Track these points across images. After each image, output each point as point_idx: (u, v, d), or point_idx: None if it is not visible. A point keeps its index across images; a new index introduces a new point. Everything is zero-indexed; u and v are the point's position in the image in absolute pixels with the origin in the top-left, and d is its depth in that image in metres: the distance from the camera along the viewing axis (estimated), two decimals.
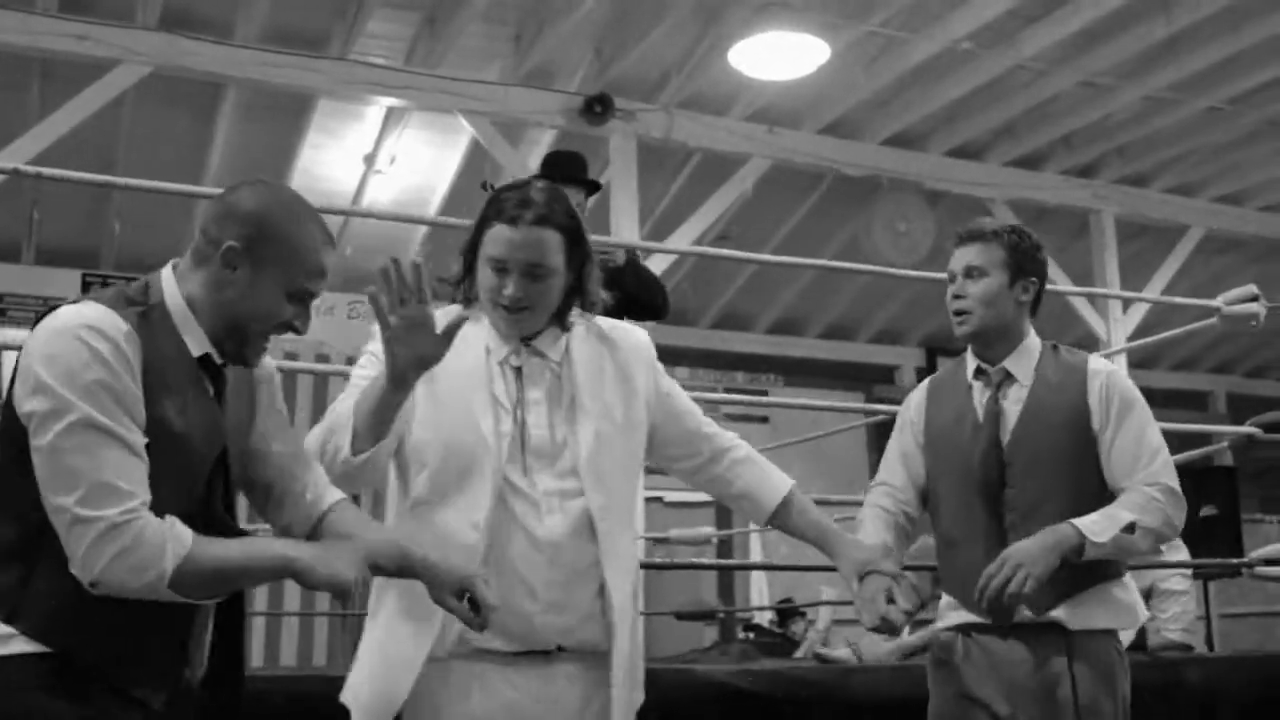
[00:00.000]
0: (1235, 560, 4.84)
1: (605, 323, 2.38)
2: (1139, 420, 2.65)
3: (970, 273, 2.74)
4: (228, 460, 1.97)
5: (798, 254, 7.45)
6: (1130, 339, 9.10)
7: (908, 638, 4.95)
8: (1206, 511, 5.95)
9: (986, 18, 7.39)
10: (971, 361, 2.78)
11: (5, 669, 1.76)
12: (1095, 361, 2.73)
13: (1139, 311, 9.49)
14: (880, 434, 11.63)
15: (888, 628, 2.23)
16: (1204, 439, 5.74)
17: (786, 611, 8.90)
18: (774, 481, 2.41)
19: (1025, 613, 2.58)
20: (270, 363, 2.14)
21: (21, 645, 1.77)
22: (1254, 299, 4.32)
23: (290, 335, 2.02)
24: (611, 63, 7.98)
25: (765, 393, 10.76)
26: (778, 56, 7.64)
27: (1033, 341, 2.76)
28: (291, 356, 8.29)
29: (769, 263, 4.84)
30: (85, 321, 1.77)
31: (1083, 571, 2.55)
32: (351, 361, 2.41)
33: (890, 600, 2.23)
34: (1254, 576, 4.80)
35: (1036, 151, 9.52)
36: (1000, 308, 2.71)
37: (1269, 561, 4.53)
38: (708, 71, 8.01)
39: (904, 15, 7.51)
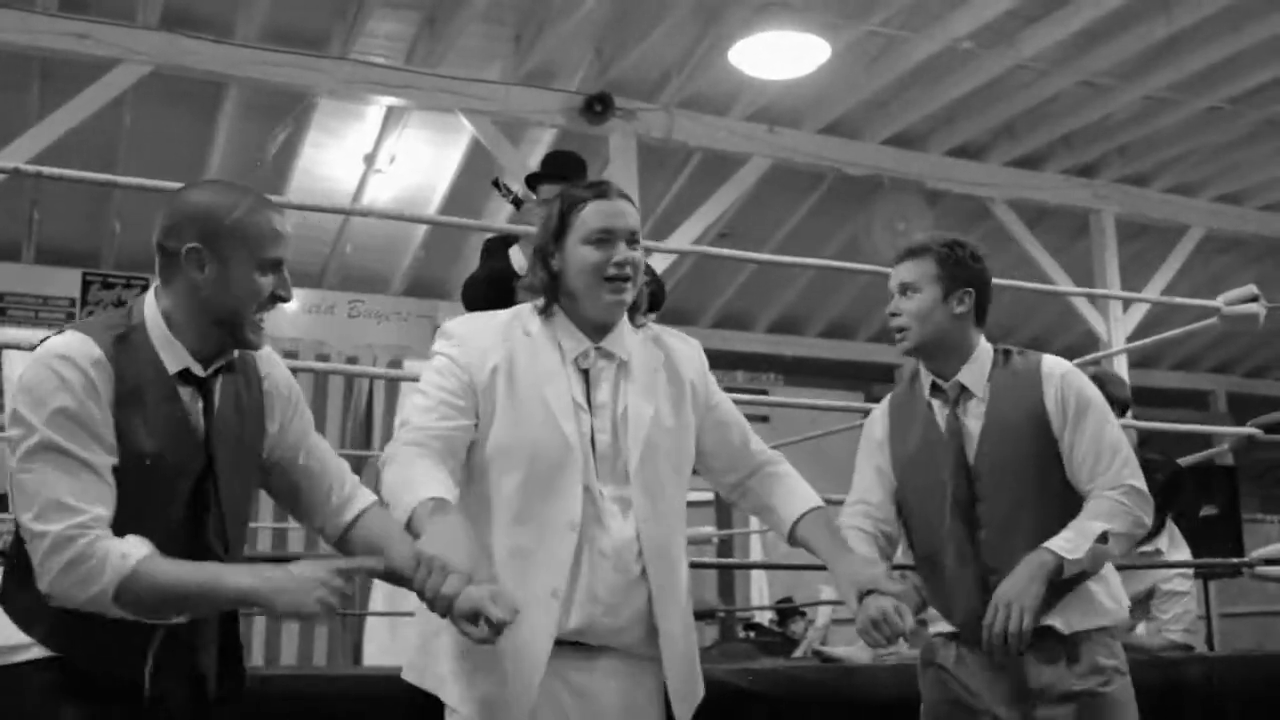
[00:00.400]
0: (1236, 560, 4.84)
1: (658, 329, 2.45)
2: (1096, 421, 2.65)
3: (904, 289, 2.74)
4: (215, 473, 2.00)
5: (798, 253, 7.44)
6: (1130, 339, 9.11)
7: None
8: (1207, 511, 5.94)
9: (987, 17, 7.39)
10: (926, 378, 2.77)
11: (21, 674, 1.88)
12: (1048, 363, 2.72)
13: (1139, 311, 9.49)
14: None
15: (888, 641, 2.27)
16: (1205, 439, 5.75)
17: (786, 611, 8.90)
18: (799, 497, 2.45)
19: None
20: (285, 375, 2.19)
21: (37, 652, 1.89)
22: (1254, 299, 4.31)
23: (291, 334, 2.03)
24: (612, 62, 7.98)
25: (765, 392, 10.76)
26: (778, 56, 7.64)
27: (983, 351, 2.74)
28: (291, 355, 8.30)
29: (769, 262, 4.84)
30: (57, 351, 1.88)
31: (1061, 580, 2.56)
32: (352, 361, 2.42)
33: (896, 614, 2.24)
34: (1254, 576, 4.80)
35: (1037, 151, 9.52)
36: (935, 322, 2.70)
37: (1269, 561, 4.53)
38: (708, 71, 8.01)
39: (904, 15, 7.51)
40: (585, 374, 2.30)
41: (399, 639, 6.93)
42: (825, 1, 7.31)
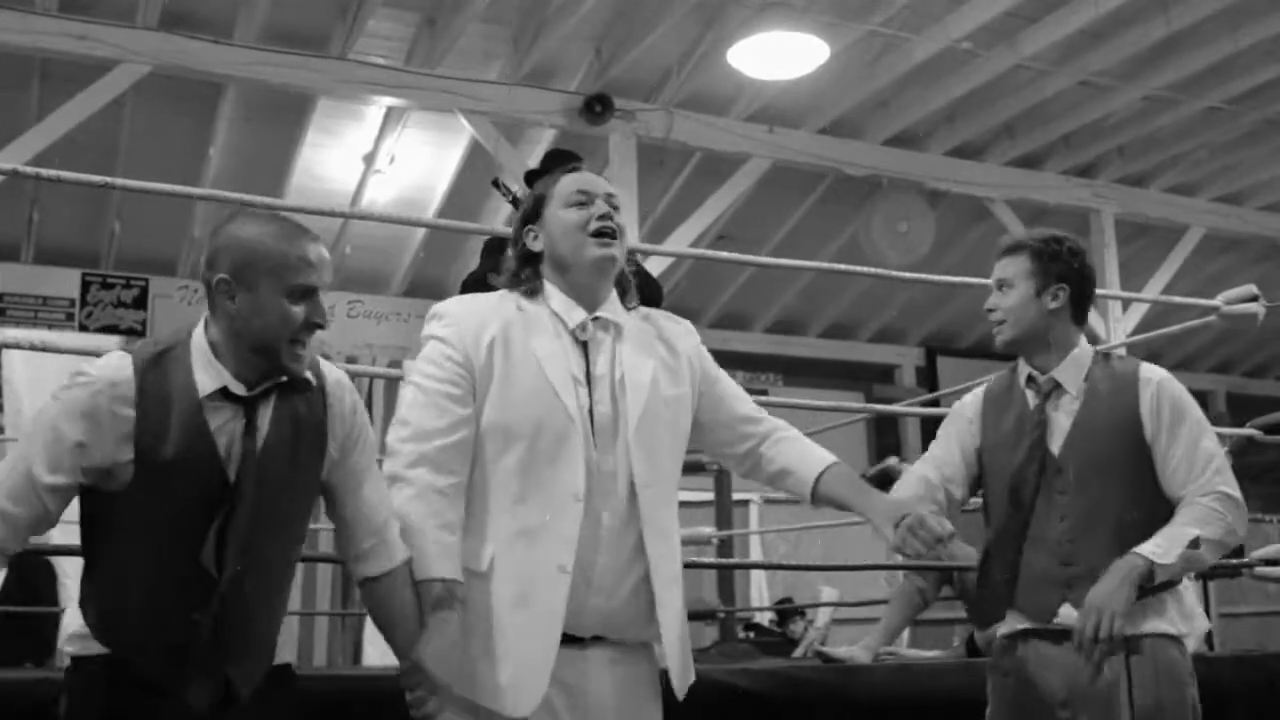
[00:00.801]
0: (1235, 561, 4.82)
1: (647, 309, 2.45)
2: (1192, 429, 2.68)
3: (1000, 285, 2.79)
4: (239, 491, 2.05)
5: (798, 254, 7.47)
6: (1131, 337, 9.10)
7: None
8: None
9: (986, 18, 7.39)
10: (1024, 369, 2.81)
11: (79, 667, 2.08)
12: (1146, 370, 2.75)
13: (1138, 311, 9.50)
14: (880, 433, 11.69)
15: (926, 548, 2.26)
16: None
17: (786, 611, 8.89)
18: (815, 457, 2.44)
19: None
20: (353, 405, 2.23)
21: (97, 647, 2.06)
22: (1253, 299, 4.31)
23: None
24: (611, 62, 7.98)
25: (765, 392, 10.76)
26: (778, 56, 7.64)
27: (1083, 351, 2.78)
28: None
29: (769, 265, 4.83)
30: (79, 372, 2.03)
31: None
32: (351, 361, 2.43)
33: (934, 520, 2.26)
34: (1254, 577, 4.79)
35: (1036, 151, 9.52)
36: (1029, 317, 2.74)
37: (1269, 562, 4.53)
38: (708, 71, 8.01)
39: (904, 15, 7.51)
40: (584, 346, 2.29)
41: None
42: (825, 2, 7.31)
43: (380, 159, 8.84)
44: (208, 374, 2.06)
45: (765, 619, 9.31)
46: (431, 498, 2.17)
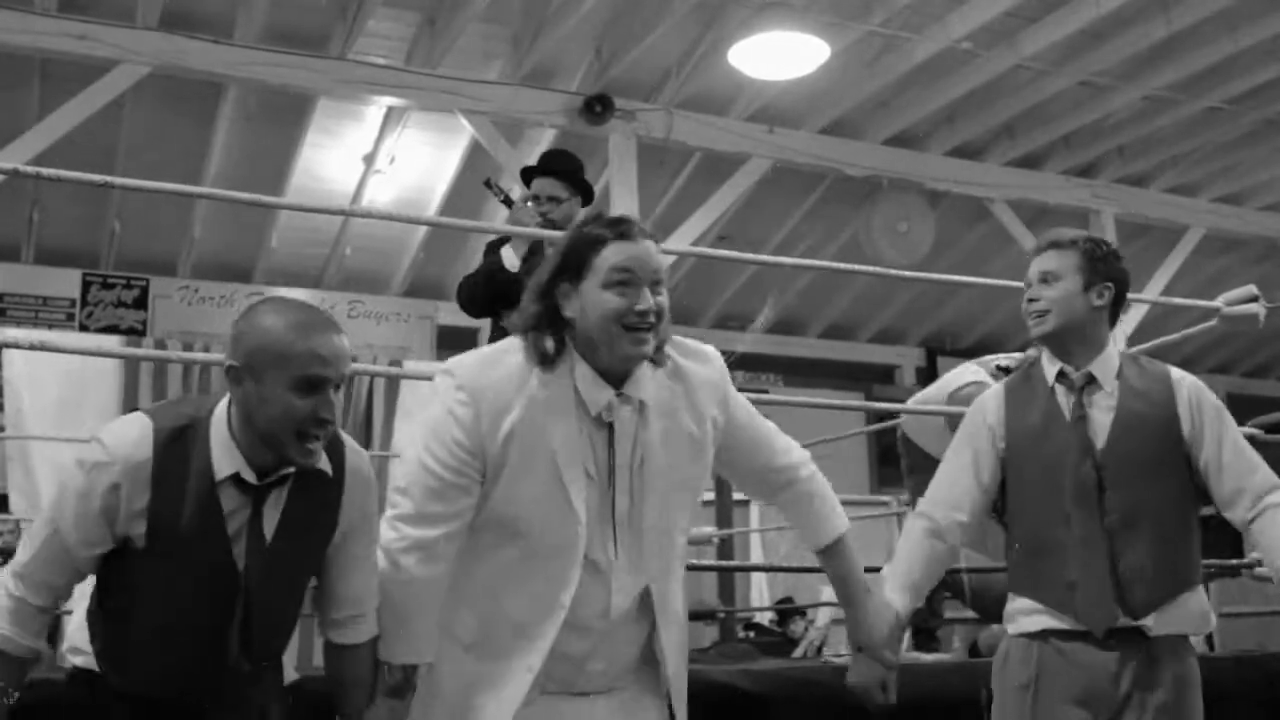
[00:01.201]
0: (1235, 561, 4.82)
1: (678, 349, 2.26)
2: (1231, 430, 2.73)
3: (1045, 278, 2.80)
4: (248, 577, 2.11)
5: (798, 254, 7.46)
6: (1130, 339, 9.10)
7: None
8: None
9: (986, 18, 7.39)
10: (1052, 365, 2.81)
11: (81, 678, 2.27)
12: (1175, 371, 2.80)
13: (1139, 312, 9.49)
14: (881, 433, 11.69)
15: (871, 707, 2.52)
16: None
17: (786, 611, 8.89)
18: (823, 523, 2.44)
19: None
20: (364, 495, 2.22)
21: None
22: (1254, 299, 4.31)
23: None
24: (611, 62, 7.98)
25: (766, 392, 10.75)
26: (778, 56, 7.63)
27: (1113, 350, 2.81)
28: None
29: (769, 264, 4.83)
30: (97, 457, 2.05)
31: (1171, 578, 2.64)
32: (353, 360, 2.39)
33: (882, 689, 2.52)
34: (1254, 578, 4.79)
35: (1036, 151, 9.52)
36: (1075, 310, 2.76)
37: None
38: (708, 71, 8.01)
39: (904, 15, 7.51)
40: (609, 428, 2.17)
41: None
42: (825, 2, 7.31)
43: (380, 159, 8.84)
44: (225, 457, 2.07)
45: (765, 619, 9.31)
46: (417, 588, 2.14)
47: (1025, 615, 2.75)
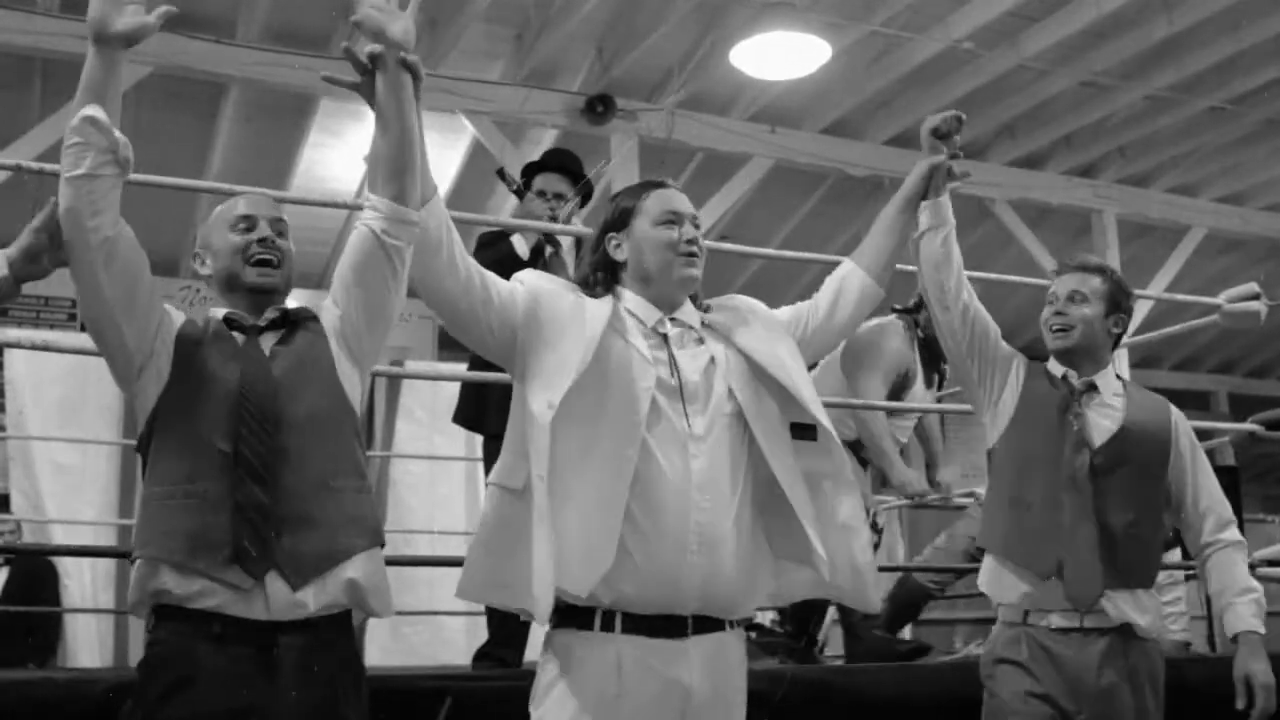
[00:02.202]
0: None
1: (726, 297, 2.58)
2: (1207, 466, 3.04)
3: (1074, 297, 3.02)
4: (253, 393, 2.28)
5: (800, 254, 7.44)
6: (1133, 336, 9.10)
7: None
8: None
9: (988, 18, 7.39)
10: (1058, 369, 3.04)
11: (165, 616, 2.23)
12: (1169, 404, 3.08)
13: (1141, 310, 9.49)
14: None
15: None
16: (1205, 436, 5.72)
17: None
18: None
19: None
20: (328, 312, 2.46)
21: (160, 595, 2.22)
22: (1255, 297, 4.31)
23: None
24: (613, 63, 7.98)
25: None
26: (779, 56, 7.63)
27: (1111, 370, 3.06)
28: None
29: (772, 257, 4.85)
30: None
31: (1146, 569, 2.89)
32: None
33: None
34: (1256, 578, 4.79)
35: (1038, 151, 9.52)
36: (1096, 332, 3.01)
37: (1270, 562, 4.54)
38: (710, 71, 8.01)
39: (906, 15, 7.51)
40: (665, 338, 2.35)
41: (400, 640, 6.93)
42: (826, 2, 7.31)
43: None
44: (217, 312, 2.48)
45: (767, 619, 9.29)
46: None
47: (1009, 584, 2.91)
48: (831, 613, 8.33)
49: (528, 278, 2.39)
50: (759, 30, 7.39)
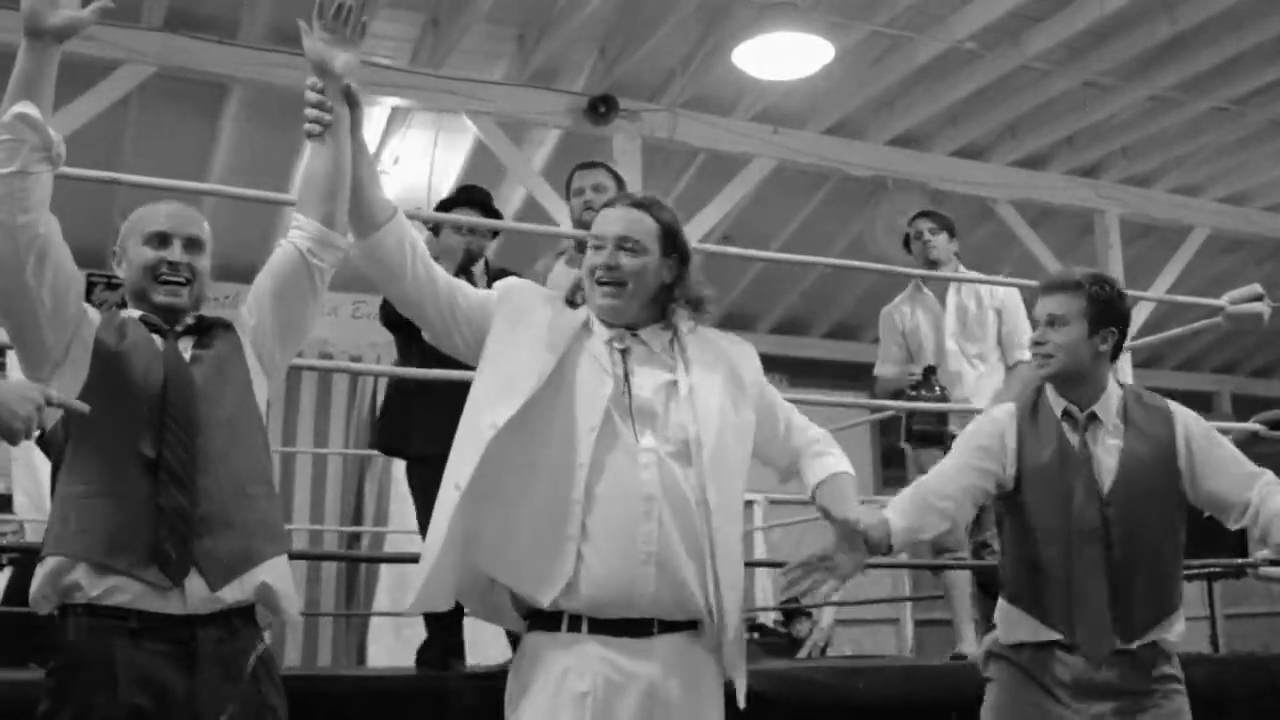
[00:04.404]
0: (1240, 561, 4.83)
1: (713, 331, 2.52)
2: (1223, 440, 2.88)
3: (1052, 321, 2.86)
4: (177, 397, 2.32)
5: (802, 255, 7.45)
6: (1134, 339, 9.09)
7: None
8: (1210, 512, 5.95)
9: (990, 18, 7.38)
10: (1058, 402, 2.88)
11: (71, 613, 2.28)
12: (1174, 405, 2.91)
13: (1143, 312, 9.48)
14: (884, 433, 11.68)
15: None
16: None
17: (791, 611, 8.89)
18: (823, 468, 2.53)
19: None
20: (243, 320, 2.52)
21: (71, 595, 2.28)
22: (1259, 298, 4.31)
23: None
24: (616, 63, 7.98)
25: None
26: (782, 57, 7.62)
27: (1113, 389, 2.88)
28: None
29: (774, 260, 4.86)
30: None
31: (1167, 604, 2.80)
32: (356, 359, 2.55)
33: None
34: (1258, 578, 4.80)
35: (1040, 152, 9.51)
36: (1079, 355, 2.84)
37: (1273, 562, 4.53)
38: (712, 72, 8.01)
39: (908, 16, 7.51)
40: (624, 352, 2.34)
41: (403, 640, 6.94)
42: (829, 2, 7.30)
43: (384, 159, 8.84)
44: (131, 312, 2.50)
45: (770, 619, 9.31)
46: None
47: (1021, 624, 2.83)
48: (835, 613, 8.35)
49: (507, 286, 2.42)
50: (761, 30, 7.38)
